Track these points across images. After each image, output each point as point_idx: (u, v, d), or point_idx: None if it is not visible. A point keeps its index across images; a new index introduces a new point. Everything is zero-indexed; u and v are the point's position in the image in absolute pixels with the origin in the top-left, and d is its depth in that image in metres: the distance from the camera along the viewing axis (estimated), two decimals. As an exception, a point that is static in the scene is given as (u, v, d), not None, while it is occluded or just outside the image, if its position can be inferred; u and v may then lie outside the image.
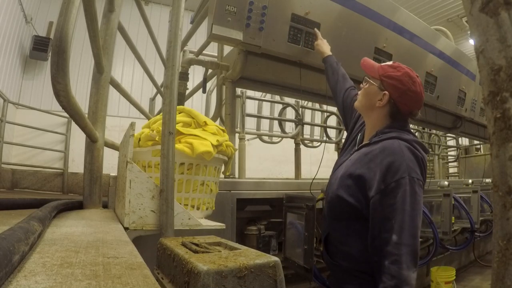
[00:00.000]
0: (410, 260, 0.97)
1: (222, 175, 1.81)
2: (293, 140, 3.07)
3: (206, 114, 3.47)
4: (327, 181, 1.38)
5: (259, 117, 3.51)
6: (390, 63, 1.26)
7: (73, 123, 3.83)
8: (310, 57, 2.09)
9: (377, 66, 1.24)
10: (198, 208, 1.24)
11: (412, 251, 0.98)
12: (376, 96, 1.21)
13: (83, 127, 1.33)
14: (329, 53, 1.81)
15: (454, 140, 5.47)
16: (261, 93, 3.31)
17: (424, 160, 1.12)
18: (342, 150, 1.43)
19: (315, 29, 1.97)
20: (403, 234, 0.98)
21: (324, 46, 1.86)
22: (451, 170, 6.31)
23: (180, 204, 1.13)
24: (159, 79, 2.60)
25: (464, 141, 6.11)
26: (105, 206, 1.63)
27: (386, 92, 1.18)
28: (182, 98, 2.46)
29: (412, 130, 1.24)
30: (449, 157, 5.82)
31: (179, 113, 1.29)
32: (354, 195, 1.13)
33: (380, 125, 1.22)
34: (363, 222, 1.10)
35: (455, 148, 5.58)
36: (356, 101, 1.32)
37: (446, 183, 2.69)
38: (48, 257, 0.59)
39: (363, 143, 1.25)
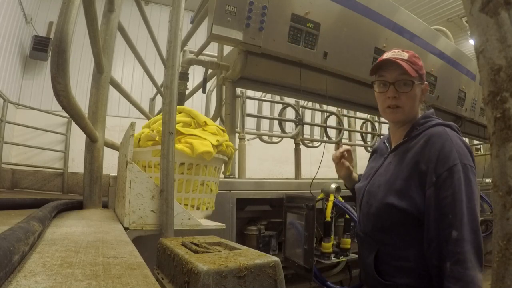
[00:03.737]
0: (474, 258, 0.85)
1: (222, 175, 1.81)
2: (293, 140, 3.07)
3: (206, 114, 3.47)
4: (327, 181, 1.35)
5: (259, 117, 3.51)
6: (405, 54, 1.10)
7: (73, 123, 3.84)
8: (310, 57, 2.09)
9: (412, 67, 1.08)
10: (198, 208, 1.24)
11: (476, 248, 0.86)
12: (419, 92, 1.11)
13: (83, 127, 1.33)
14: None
15: (454, 140, 5.46)
16: (261, 93, 3.31)
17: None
18: (370, 161, 1.30)
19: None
20: (464, 228, 0.86)
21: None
22: (451, 170, 6.29)
23: (180, 204, 1.13)
24: (159, 79, 2.59)
25: (464, 141, 6.09)
26: (105, 206, 1.63)
27: (426, 82, 1.11)
28: (182, 98, 2.46)
29: None
30: (449, 157, 5.82)
31: (179, 113, 1.29)
32: (406, 199, 1.00)
33: (411, 117, 1.10)
34: (421, 228, 0.97)
35: (455, 148, 5.57)
36: (396, 114, 1.10)
37: (446, 183, 2.68)
38: (48, 257, 0.59)
39: (398, 142, 1.12)
